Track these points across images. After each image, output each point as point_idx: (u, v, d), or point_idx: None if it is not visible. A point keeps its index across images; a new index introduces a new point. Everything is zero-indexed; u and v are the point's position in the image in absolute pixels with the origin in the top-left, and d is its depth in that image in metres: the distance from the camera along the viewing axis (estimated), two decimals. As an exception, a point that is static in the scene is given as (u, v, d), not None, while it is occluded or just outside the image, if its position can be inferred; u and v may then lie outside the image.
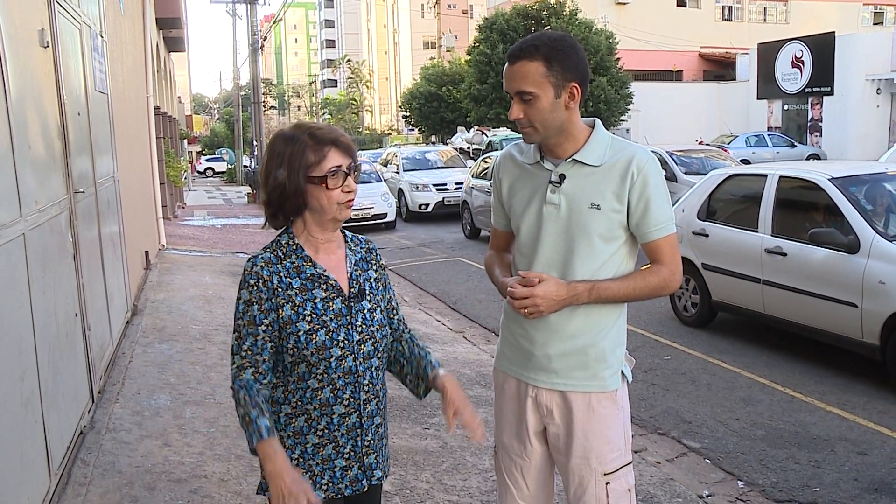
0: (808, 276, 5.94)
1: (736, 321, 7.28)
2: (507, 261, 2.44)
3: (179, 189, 19.90)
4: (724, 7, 42.26)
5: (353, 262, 2.07)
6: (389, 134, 63.99)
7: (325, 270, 1.99)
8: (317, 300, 1.96)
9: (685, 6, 41.14)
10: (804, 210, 6.47)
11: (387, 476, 2.12)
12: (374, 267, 2.14)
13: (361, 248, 2.14)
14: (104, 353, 5.11)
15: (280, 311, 1.93)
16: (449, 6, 62.16)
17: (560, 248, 2.21)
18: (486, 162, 14.52)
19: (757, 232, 6.47)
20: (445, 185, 17.20)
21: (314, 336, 1.94)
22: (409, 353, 2.19)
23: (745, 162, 19.64)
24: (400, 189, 18.14)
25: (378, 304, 2.08)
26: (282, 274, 1.96)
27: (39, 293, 3.38)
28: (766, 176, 6.65)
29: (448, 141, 33.91)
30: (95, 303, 4.89)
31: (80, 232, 4.49)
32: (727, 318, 7.25)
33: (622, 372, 2.28)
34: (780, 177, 6.52)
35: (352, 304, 2.01)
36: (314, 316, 1.95)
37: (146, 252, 8.91)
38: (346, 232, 2.13)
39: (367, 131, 71.15)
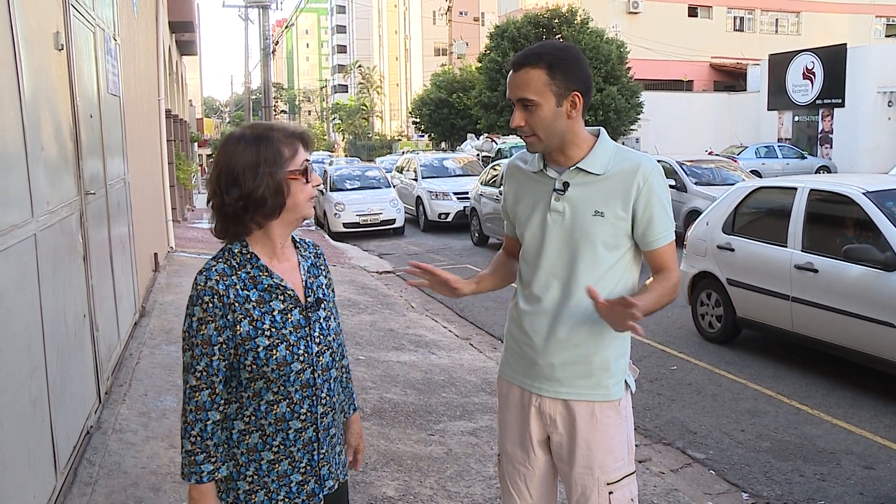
0: (841, 293, 5.71)
1: (744, 333, 7.25)
2: (510, 268, 2.48)
3: (189, 192, 19.98)
4: (735, 18, 42.23)
5: (306, 268, 1.99)
6: (399, 140, 64.08)
7: (281, 280, 1.89)
8: (275, 312, 1.86)
9: (697, 16, 41.13)
10: (836, 225, 6.22)
11: (340, 483, 2.06)
12: (324, 273, 2.05)
13: (310, 252, 2.05)
14: (112, 354, 5.14)
15: (237, 327, 1.82)
16: (460, 13, 62.28)
17: (564, 255, 2.22)
18: (494, 169, 14.52)
19: (786, 247, 6.24)
20: (466, 193, 16.05)
21: (274, 352, 1.84)
22: (346, 384, 2.17)
23: (756, 173, 19.62)
24: (418, 197, 17.65)
25: (331, 312, 2.01)
26: (238, 286, 1.84)
27: (49, 293, 3.41)
28: (795, 189, 6.40)
29: (458, 148, 33.93)
30: (104, 304, 4.92)
31: (91, 233, 4.53)
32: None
33: (626, 381, 2.29)
34: (811, 190, 6.27)
35: (309, 314, 1.92)
36: (273, 330, 1.85)
37: (155, 254, 8.95)
38: (294, 236, 2.03)
39: (378, 137, 71.29)
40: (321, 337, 1.94)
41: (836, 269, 5.78)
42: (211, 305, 1.82)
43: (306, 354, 1.89)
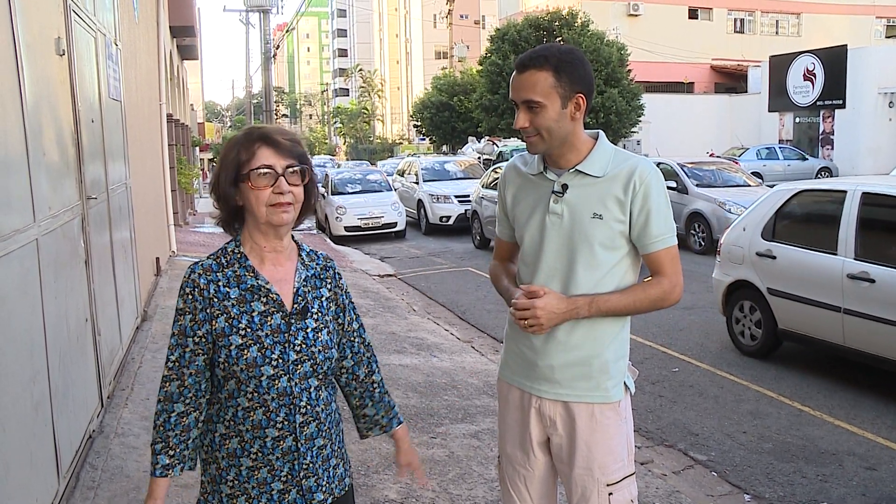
0: None
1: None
2: (512, 271, 2.46)
3: (191, 196, 20.00)
4: (735, 19, 42.24)
5: (304, 277, 1.95)
6: (400, 143, 64.09)
7: (267, 283, 1.88)
8: (254, 314, 1.86)
9: (697, 18, 41.13)
10: (894, 231, 5.83)
11: (335, 497, 2.00)
12: (329, 286, 2.02)
13: (317, 264, 2.02)
14: (114, 358, 5.15)
15: (214, 322, 1.85)
16: (461, 16, 62.34)
17: (563, 257, 2.23)
18: (496, 172, 14.54)
19: (836, 255, 5.78)
20: (468, 196, 16.09)
21: (245, 352, 1.83)
22: (379, 399, 2.14)
23: (757, 175, 19.61)
24: (419, 200, 17.68)
25: (325, 325, 1.96)
26: (220, 283, 1.87)
27: (51, 298, 3.42)
28: (844, 192, 5.91)
29: (459, 151, 33.94)
30: (106, 308, 4.93)
31: (92, 238, 4.54)
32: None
33: (625, 383, 2.29)
34: (864, 193, 5.78)
35: (293, 320, 1.89)
36: (249, 330, 1.84)
37: (157, 258, 8.96)
38: (304, 245, 2.03)
39: (379, 140, 71.32)
40: (303, 346, 1.89)
41: (895, 278, 5.38)
42: (190, 298, 1.87)
43: (281, 360, 1.86)
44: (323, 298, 1.99)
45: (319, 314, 1.95)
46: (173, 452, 1.86)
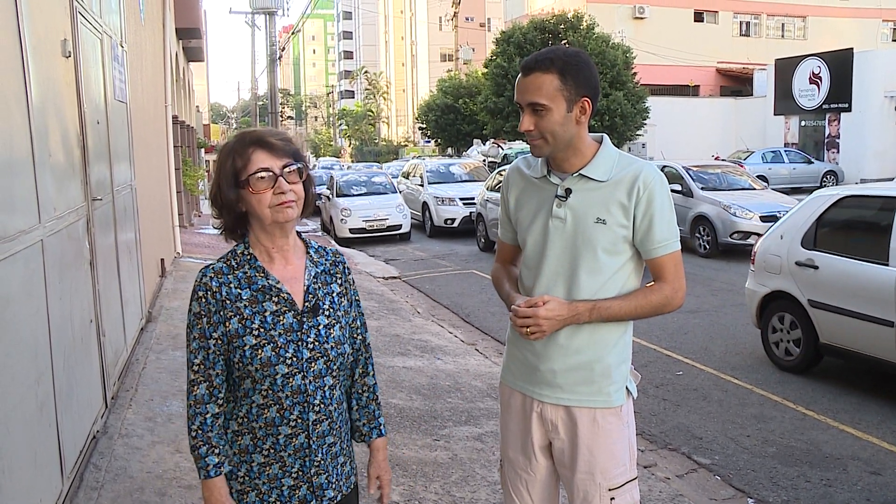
0: None
1: (750, 338, 7.22)
2: (514, 274, 2.45)
3: (196, 197, 20.01)
4: (741, 22, 42.19)
5: (313, 274, 1.97)
6: (405, 145, 64.15)
7: (277, 282, 1.90)
8: (266, 313, 1.88)
9: (703, 21, 41.10)
10: None
11: (344, 495, 2.03)
12: (339, 281, 2.04)
13: (326, 260, 2.04)
14: (118, 360, 5.16)
15: (228, 324, 1.87)
16: (466, 19, 62.39)
17: (565, 261, 2.22)
18: (500, 175, 14.56)
19: (887, 265, 5.43)
20: (473, 198, 16.14)
21: (259, 351, 1.85)
22: (365, 404, 2.14)
23: (762, 178, 19.57)
24: (424, 203, 17.71)
25: (338, 321, 1.97)
26: (232, 285, 1.89)
27: (56, 299, 3.43)
28: (894, 198, 5.61)
29: (464, 153, 33.97)
30: (111, 309, 4.94)
31: (97, 239, 4.55)
32: (741, 330, 7.17)
33: (627, 388, 2.29)
34: None
35: (304, 318, 1.91)
36: (262, 330, 1.87)
37: (162, 260, 8.98)
38: (312, 242, 2.04)
39: (384, 142, 71.36)
40: (315, 343, 1.91)
41: None
42: (205, 301, 1.88)
43: (295, 359, 1.88)
44: (334, 294, 2.00)
45: (331, 310, 1.97)
46: (219, 450, 1.89)
